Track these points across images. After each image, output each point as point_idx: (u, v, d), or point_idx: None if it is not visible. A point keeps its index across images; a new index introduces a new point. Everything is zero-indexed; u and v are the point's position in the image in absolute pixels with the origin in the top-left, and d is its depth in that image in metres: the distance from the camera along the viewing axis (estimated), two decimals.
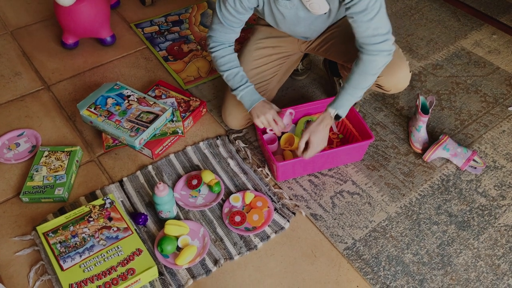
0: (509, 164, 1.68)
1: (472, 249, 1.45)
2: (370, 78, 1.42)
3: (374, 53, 1.36)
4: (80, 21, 1.95)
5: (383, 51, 1.36)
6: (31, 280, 1.35)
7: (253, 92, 1.54)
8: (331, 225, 1.49)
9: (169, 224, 1.42)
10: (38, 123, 1.80)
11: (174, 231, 1.41)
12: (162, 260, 1.38)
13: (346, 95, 1.44)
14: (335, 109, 1.45)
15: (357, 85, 1.42)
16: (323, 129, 1.45)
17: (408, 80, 1.56)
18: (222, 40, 1.52)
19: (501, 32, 2.22)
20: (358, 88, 1.43)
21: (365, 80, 1.41)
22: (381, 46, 1.35)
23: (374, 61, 1.37)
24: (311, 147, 1.45)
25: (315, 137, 1.44)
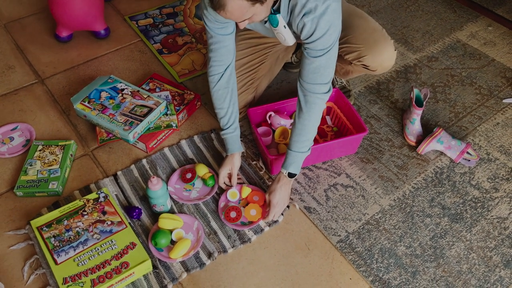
0: (503, 157, 1.68)
1: (465, 241, 1.45)
2: (311, 128, 1.40)
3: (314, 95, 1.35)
4: (74, 14, 1.94)
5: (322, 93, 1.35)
6: (25, 274, 1.36)
7: (234, 141, 1.53)
8: (325, 218, 1.50)
9: (163, 217, 1.42)
10: (32, 117, 1.80)
11: (168, 225, 1.42)
12: (156, 253, 1.39)
13: (291, 153, 1.42)
14: (285, 169, 1.43)
15: (299, 139, 1.41)
16: (280, 188, 1.44)
17: (393, 58, 1.54)
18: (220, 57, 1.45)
19: (497, 24, 2.21)
20: (301, 141, 1.41)
21: (307, 131, 1.40)
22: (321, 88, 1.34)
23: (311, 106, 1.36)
24: (272, 207, 1.44)
25: (274, 197, 1.44)
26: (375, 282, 1.36)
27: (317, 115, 1.39)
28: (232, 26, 1.41)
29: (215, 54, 1.44)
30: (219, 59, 1.45)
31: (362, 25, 1.51)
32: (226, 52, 1.44)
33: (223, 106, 1.51)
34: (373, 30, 1.52)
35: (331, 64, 1.33)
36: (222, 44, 1.42)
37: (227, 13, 1.14)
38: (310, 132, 1.41)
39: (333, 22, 1.25)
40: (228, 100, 1.50)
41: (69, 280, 1.27)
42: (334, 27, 1.26)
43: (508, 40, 2.14)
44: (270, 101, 1.71)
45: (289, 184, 1.47)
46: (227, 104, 1.51)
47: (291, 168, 1.43)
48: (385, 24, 2.22)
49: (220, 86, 1.48)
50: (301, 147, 1.42)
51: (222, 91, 1.49)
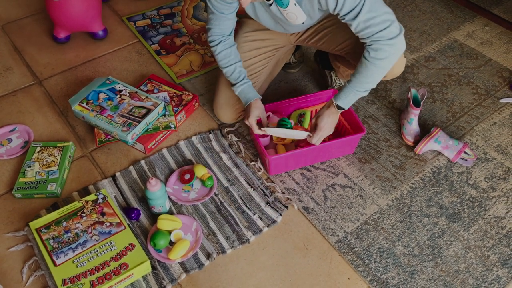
0: (500, 156, 1.69)
1: (462, 241, 1.46)
2: (376, 72, 1.35)
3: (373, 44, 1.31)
4: (71, 15, 1.94)
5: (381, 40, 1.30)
6: (24, 275, 1.36)
7: (248, 90, 1.56)
8: (323, 218, 1.51)
9: (161, 219, 1.42)
10: (30, 118, 1.80)
11: (166, 226, 1.42)
12: (155, 254, 1.39)
13: (348, 89, 1.41)
14: (336, 100, 1.44)
15: (359, 78, 1.37)
16: (329, 115, 1.46)
17: (403, 66, 1.55)
18: (219, 31, 1.52)
19: (494, 24, 2.22)
20: (360, 81, 1.38)
21: (366, 74, 1.35)
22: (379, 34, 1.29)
23: (376, 51, 1.31)
24: (318, 130, 1.47)
25: (321, 120, 1.46)
26: (373, 282, 1.37)
27: (385, 61, 1.32)
28: (234, 5, 1.45)
29: (215, 27, 1.52)
30: (218, 31, 1.53)
31: None
32: (226, 26, 1.52)
33: (231, 62, 1.54)
34: None
35: (379, 9, 1.27)
36: (222, 21, 1.50)
37: None
38: (374, 76, 1.36)
39: None
40: (233, 57, 1.54)
41: (68, 282, 1.27)
42: None
43: (505, 39, 2.15)
44: (268, 102, 1.71)
45: (337, 114, 1.47)
46: (232, 61, 1.54)
47: (341, 101, 1.43)
48: None
49: (222, 47, 1.53)
50: (360, 86, 1.39)
51: (225, 51, 1.54)
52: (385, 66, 1.35)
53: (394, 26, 1.30)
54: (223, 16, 1.48)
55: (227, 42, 1.55)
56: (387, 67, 1.36)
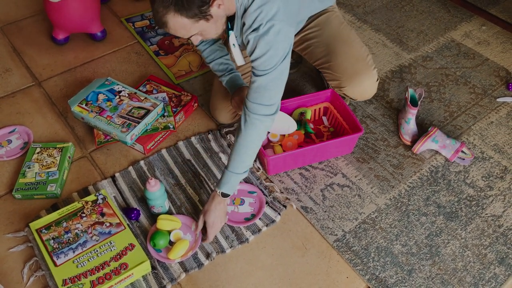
0: (497, 155, 1.70)
1: (460, 239, 1.47)
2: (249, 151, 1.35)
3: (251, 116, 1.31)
4: (70, 16, 1.95)
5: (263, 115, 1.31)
6: (25, 276, 1.37)
7: (235, 79, 1.57)
8: (322, 217, 1.52)
9: (161, 219, 1.43)
10: (30, 119, 1.80)
11: (166, 226, 1.43)
12: (155, 254, 1.40)
13: (227, 174, 1.37)
14: (219, 188, 1.38)
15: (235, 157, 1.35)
16: (215, 207, 1.38)
17: (374, 89, 1.57)
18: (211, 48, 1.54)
19: (491, 24, 2.23)
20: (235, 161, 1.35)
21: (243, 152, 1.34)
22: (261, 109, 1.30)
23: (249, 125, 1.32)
24: (209, 227, 1.39)
25: (209, 217, 1.38)
26: (371, 280, 1.38)
27: (254, 137, 1.33)
28: None
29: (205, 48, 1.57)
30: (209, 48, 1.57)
31: (346, 52, 1.52)
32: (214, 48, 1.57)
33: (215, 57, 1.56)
34: (356, 59, 1.53)
35: (274, 87, 1.29)
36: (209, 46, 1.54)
37: (170, 30, 1.18)
38: (247, 154, 1.35)
39: (274, 44, 1.22)
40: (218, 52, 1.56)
41: (69, 282, 1.28)
42: (275, 50, 1.22)
43: (502, 39, 2.16)
44: None
45: (224, 203, 1.40)
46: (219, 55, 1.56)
47: (224, 188, 1.37)
48: (380, 24, 2.24)
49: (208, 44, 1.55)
50: (237, 167, 1.36)
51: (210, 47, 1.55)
52: (256, 142, 1.35)
53: (275, 107, 1.32)
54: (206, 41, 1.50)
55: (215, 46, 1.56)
56: (258, 144, 1.36)
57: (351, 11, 2.32)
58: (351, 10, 2.32)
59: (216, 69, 1.59)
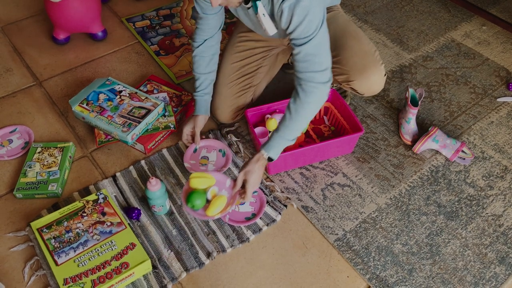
0: (497, 155, 1.70)
1: (460, 239, 1.47)
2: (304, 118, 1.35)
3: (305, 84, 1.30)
4: (70, 16, 1.95)
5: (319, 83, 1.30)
6: (26, 275, 1.37)
7: (203, 104, 1.61)
8: (322, 217, 1.52)
9: (193, 177, 1.39)
10: (31, 119, 1.80)
11: (200, 184, 1.39)
12: (192, 213, 1.38)
13: (277, 138, 1.37)
14: (266, 151, 1.38)
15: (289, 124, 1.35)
16: (258, 168, 1.38)
17: (382, 84, 1.56)
18: (203, 33, 1.54)
19: (491, 24, 2.24)
20: (289, 127, 1.36)
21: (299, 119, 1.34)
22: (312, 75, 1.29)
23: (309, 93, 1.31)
24: (248, 187, 1.38)
25: (250, 177, 1.37)
26: (372, 279, 1.38)
27: (312, 105, 1.33)
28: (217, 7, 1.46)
29: (199, 28, 1.54)
30: (201, 32, 1.55)
31: (354, 47, 1.52)
32: (210, 27, 1.53)
33: (199, 71, 1.58)
34: (364, 53, 1.52)
35: (321, 52, 1.28)
36: (207, 21, 1.51)
37: None
38: (301, 122, 1.36)
39: (311, 9, 1.21)
40: (203, 66, 1.58)
41: (70, 281, 1.28)
42: (313, 14, 1.22)
43: (502, 39, 2.16)
44: (267, 102, 1.72)
45: (264, 166, 1.41)
46: (202, 70, 1.58)
47: (272, 152, 1.38)
48: (380, 24, 2.24)
49: (198, 52, 1.56)
50: (288, 134, 1.36)
51: (199, 57, 1.56)
52: (313, 110, 1.35)
53: (328, 72, 1.31)
54: (207, 16, 1.49)
55: (208, 49, 1.56)
56: (314, 112, 1.36)
57: (351, 11, 2.32)
58: (351, 10, 2.33)
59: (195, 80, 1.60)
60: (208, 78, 1.60)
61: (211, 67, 1.60)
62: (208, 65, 1.59)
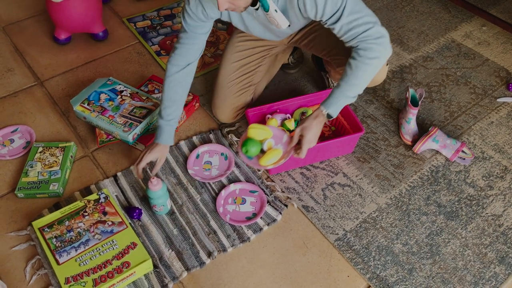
0: (497, 155, 1.71)
1: (460, 239, 1.48)
2: (366, 72, 1.32)
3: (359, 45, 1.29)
4: (72, 16, 1.96)
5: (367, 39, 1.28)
6: (27, 274, 1.37)
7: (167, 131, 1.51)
8: (323, 216, 1.52)
9: (252, 127, 1.42)
10: (32, 119, 1.81)
11: (258, 135, 1.42)
12: (246, 160, 1.42)
13: (337, 94, 1.36)
14: (326, 108, 1.37)
15: (348, 80, 1.33)
16: (316, 125, 1.37)
17: (385, 73, 1.56)
18: (185, 56, 1.46)
19: (491, 24, 2.24)
20: (349, 83, 1.33)
21: (356, 75, 1.32)
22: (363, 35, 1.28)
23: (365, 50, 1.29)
24: (304, 143, 1.37)
25: (308, 133, 1.37)
26: (372, 279, 1.38)
27: (376, 60, 1.30)
28: (208, 25, 1.43)
29: (183, 48, 1.45)
30: (185, 53, 1.46)
31: None
32: (194, 49, 1.46)
33: (173, 98, 1.49)
34: None
35: (360, 11, 1.26)
36: (193, 41, 1.44)
37: None
38: (363, 78, 1.32)
39: None
40: (180, 94, 1.50)
41: (71, 280, 1.29)
42: None
43: (502, 39, 2.17)
44: (267, 102, 1.73)
45: (323, 124, 1.39)
46: (178, 98, 1.50)
47: (331, 109, 1.36)
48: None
49: (175, 78, 1.47)
50: (350, 90, 1.34)
51: (175, 83, 1.48)
52: (375, 66, 1.33)
53: (378, 27, 1.30)
54: (195, 35, 1.42)
55: (185, 74, 1.48)
56: (376, 68, 1.33)
57: None
58: None
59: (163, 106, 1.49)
60: (180, 107, 1.52)
61: (185, 93, 1.51)
62: (184, 91, 1.51)
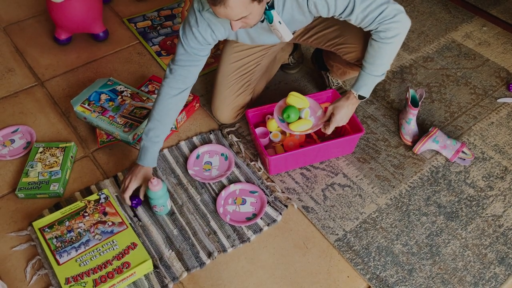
0: (497, 156, 1.71)
1: (460, 239, 1.48)
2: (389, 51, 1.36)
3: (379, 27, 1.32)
4: (72, 16, 1.96)
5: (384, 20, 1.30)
6: (28, 274, 1.38)
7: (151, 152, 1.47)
8: (323, 217, 1.52)
9: (292, 95, 1.53)
10: (33, 119, 1.81)
11: (296, 102, 1.53)
12: (279, 123, 1.53)
13: (365, 76, 1.42)
14: (356, 90, 1.44)
15: (373, 61, 1.38)
16: (348, 106, 1.47)
17: None
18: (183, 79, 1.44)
19: (491, 24, 2.24)
20: (375, 64, 1.39)
21: (380, 55, 1.37)
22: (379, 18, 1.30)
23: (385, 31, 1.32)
24: (333, 120, 1.48)
25: (339, 112, 1.47)
26: (372, 280, 1.38)
27: (396, 38, 1.33)
28: (211, 48, 1.44)
29: (183, 70, 1.42)
30: (185, 76, 1.43)
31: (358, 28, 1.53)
32: (195, 71, 1.44)
33: (162, 120, 1.46)
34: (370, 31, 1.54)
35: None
36: (194, 63, 1.42)
37: (227, 8, 1.14)
38: (387, 56, 1.37)
39: None
40: (172, 117, 1.48)
41: (72, 280, 1.29)
42: None
43: (503, 40, 2.17)
44: (268, 102, 1.73)
45: (355, 106, 1.47)
46: (169, 120, 1.48)
47: (362, 90, 1.43)
48: None
49: (171, 102, 1.45)
50: (374, 70, 1.39)
51: (170, 107, 1.46)
52: (398, 43, 1.35)
53: (392, 6, 1.31)
54: (197, 57, 1.41)
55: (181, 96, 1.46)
56: (399, 44, 1.36)
57: None
58: None
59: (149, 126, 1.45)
60: (169, 129, 1.51)
61: (175, 117, 1.50)
62: (175, 116, 1.50)
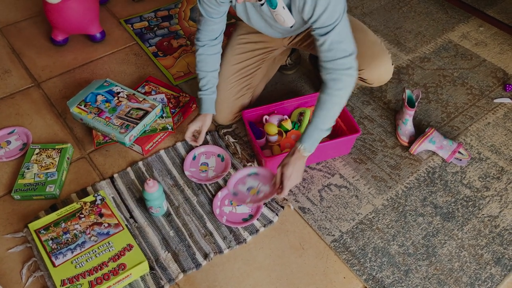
0: (494, 156, 1.71)
1: (456, 240, 1.48)
2: (335, 106, 1.36)
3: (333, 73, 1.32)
4: (69, 18, 1.96)
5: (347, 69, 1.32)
6: (23, 276, 1.37)
7: (209, 102, 1.62)
8: (319, 218, 1.52)
9: None
10: (29, 120, 1.81)
11: None
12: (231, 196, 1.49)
13: (310, 129, 1.38)
14: (301, 143, 1.38)
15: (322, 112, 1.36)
16: (294, 162, 1.37)
17: (390, 72, 1.58)
18: (207, 34, 1.55)
19: (488, 25, 2.24)
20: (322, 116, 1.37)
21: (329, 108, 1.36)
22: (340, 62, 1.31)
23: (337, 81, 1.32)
24: (285, 179, 1.37)
25: (287, 169, 1.37)
26: (368, 280, 1.38)
27: (343, 91, 1.34)
28: (223, 10, 1.47)
29: (204, 30, 1.55)
30: (207, 33, 1.55)
31: (361, 38, 1.53)
32: (215, 30, 1.54)
33: (205, 69, 1.59)
34: (372, 43, 1.55)
35: (345, 37, 1.31)
36: (212, 25, 1.52)
37: None
38: (333, 110, 1.36)
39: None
40: (210, 65, 1.59)
41: (67, 282, 1.29)
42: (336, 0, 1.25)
43: (499, 40, 2.17)
44: (265, 103, 1.73)
45: (303, 160, 1.40)
46: (208, 69, 1.59)
47: (306, 144, 1.38)
48: (378, 25, 2.25)
49: (204, 50, 1.57)
50: (321, 123, 1.37)
51: (205, 55, 1.58)
52: (343, 97, 1.36)
53: (354, 57, 1.32)
54: (212, 20, 1.49)
55: (212, 48, 1.58)
56: (344, 99, 1.36)
57: (349, 12, 2.28)
58: (349, 11, 2.32)
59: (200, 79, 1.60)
60: (214, 76, 1.61)
61: (216, 65, 1.61)
62: (214, 63, 1.60)
